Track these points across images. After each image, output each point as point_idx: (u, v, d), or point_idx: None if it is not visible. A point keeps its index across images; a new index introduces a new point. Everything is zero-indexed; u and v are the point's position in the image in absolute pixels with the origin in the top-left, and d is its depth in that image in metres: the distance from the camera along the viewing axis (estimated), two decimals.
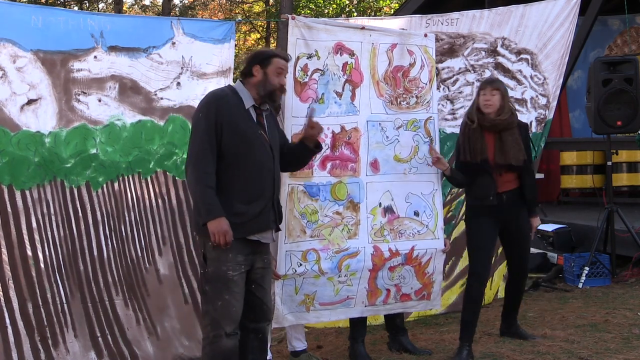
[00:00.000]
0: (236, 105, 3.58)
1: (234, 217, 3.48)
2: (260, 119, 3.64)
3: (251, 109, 3.62)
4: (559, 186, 9.60)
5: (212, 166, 3.48)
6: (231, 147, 3.51)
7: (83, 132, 4.34)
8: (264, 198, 3.57)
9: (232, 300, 3.49)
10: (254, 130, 3.58)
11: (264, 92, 3.60)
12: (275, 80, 3.62)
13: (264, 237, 3.62)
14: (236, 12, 24.72)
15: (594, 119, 6.51)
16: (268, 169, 3.60)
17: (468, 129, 4.47)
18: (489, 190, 4.43)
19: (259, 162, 3.56)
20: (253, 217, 3.54)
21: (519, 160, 4.44)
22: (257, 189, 3.55)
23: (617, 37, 9.90)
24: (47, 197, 4.26)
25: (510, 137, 4.44)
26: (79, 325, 4.29)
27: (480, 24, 5.43)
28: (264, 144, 3.60)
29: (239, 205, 3.51)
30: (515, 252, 4.66)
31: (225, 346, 3.48)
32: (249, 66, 3.65)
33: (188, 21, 4.84)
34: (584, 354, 4.24)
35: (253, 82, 3.63)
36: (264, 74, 3.61)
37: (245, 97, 3.61)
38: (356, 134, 4.38)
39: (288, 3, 15.00)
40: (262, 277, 3.69)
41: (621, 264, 6.56)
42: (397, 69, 4.52)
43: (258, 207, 3.55)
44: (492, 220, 4.46)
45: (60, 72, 4.29)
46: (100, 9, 24.07)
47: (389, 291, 4.48)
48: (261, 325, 3.72)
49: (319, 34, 4.26)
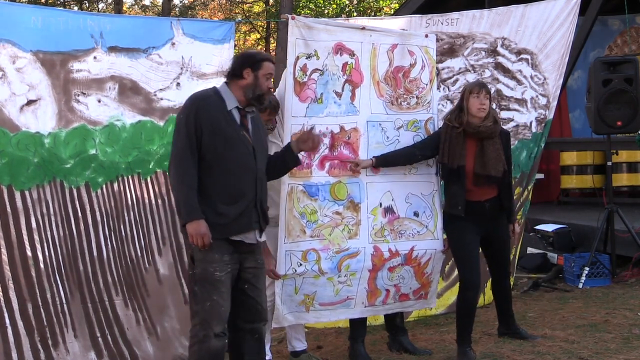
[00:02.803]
0: (218, 107, 3.58)
1: (216, 217, 3.51)
2: (244, 120, 3.64)
3: (234, 110, 3.61)
4: (559, 186, 9.60)
5: (194, 167, 3.50)
6: (212, 148, 3.52)
7: (82, 133, 4.34)
8: (246, 199, 3.58)
9: (220, 301, 3.51)
10: (235, 131, 3.58)
11: (252, 94, 3.60)
12: (265, 84, 3.63)
13: (247, 238, 3.62)
14: (236, 12, 24.73)
15: (594, 119, 6.50)
16: (249, 170, 3.59)
17: (451, 131, 4.38)
18: (458, 200, 4.37)
19: (240, 163, 3.56)
20: (235, 218, 3.55)
21: (499, 171, 4.37)
22: (238, 190, 3.56)
23: (617, 37, 9.90)
24: (47, 197, 4.26)
25: (491, 147, 4.38)
26: (78, 326, 4.29)
27: (480, 24, 5.42)
28: (246, 145, 3.59)
29: (221, 206, 3.53)
30: (497, 259, 4.66)
31: (213, 346, 3.51)
32: (240, 68, 3.64)
33: (188, 21, 4.84)
34: (584, 354, 4.24)
35: (241, 84, 3.62)
36: (254, 77, 3.61)
37: (229, 99, 3.61)
38: (356, 134, 4.37)
39: (288, 3, 15.01)
40: (256, 277, 3.69)
41: (621, 264, 6.55)
42: (397, 70, 4.52)
43: (240, 208, 3.56)
44: (473, 225, 4.41)
45: (59, 73, 4.29)
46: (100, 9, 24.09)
47: (388, 291, 4.48)
48: (256, 326, 3.72)
49: (319, 34, 4.26)
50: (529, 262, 7.02)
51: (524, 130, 5.55)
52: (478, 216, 4.41)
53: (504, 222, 4.58)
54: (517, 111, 5.52)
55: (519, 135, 5.50)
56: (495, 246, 4.60)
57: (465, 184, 4.37)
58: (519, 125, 5.51)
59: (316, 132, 3.94)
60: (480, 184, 4.39)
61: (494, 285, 4.78)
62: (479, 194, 4.41)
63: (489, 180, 4.39)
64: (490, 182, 4.40)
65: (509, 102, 5.48)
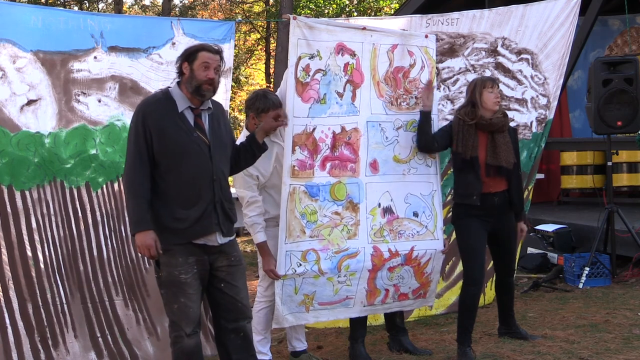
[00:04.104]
0: (167, 110, 3.50)
1: (175, 222, 3.48)
2: (197, 120, 3.55)
3: (186, 111, 3.54)
4: (559, 186, 9.61)
5: (144, 176, 3.44)
6: (162, 154, 3.47)
7: (83, 133, 4.35)
8: (203, 201, 3.51)
9: (187, 302, 3.50)
10: (186, 133, 3.50)
11: (191, 88, 3.51)
12: (202, 74, 3.50)
13: (209, 240, 3.56)
14: (236, 12, 24.73)
15: (594, 119, 6.50)
16: (205, 172, 3.52)
17: (463, 124, 4.43)
18: (474, 190, 4.40)
19: (194, 166, 3.49)
20: (194, 222, 3.50)
21: (510, 163, 4.43)
22: (194, 193, 3.50)
23: (617, 37, 9.90)
24: (47, 197, 4.26)
25: (502, 139, 4.44)
26: (79, 326, 4.30)
27: (480, 24, 5.43)
28: (200, 146, 3.51)
29: (180, 211, 3.49)
30: (503, 255, 4.65)
31: (187, 346, 3.53)
32: (180, 66, 3.58)
33: (188, 21, 4.85)
34: (584, 354, 4.24)
35: (184, 80, 3.56)
36: (190, 70, 3.52)
37: (179, 100, 3.53)
38: (356, 134, 4.37)
39: (288, 3, 14.99)
40: (231, 275, 3.64)
41: (621, 264, 6.55)
42: (397, 70, 4.51)
43: (198, 211, 3.50)
44: (481, 221, 4.44)
45: (60, 73, 4.30)
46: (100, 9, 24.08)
47: (387, 291, 4.48)
48: (240, 325, 3.67)
49: (320, 34, 4.25)
50: (529, 262, 7.01)
51: (525, 130, 5.55)
52: (487, 210, 4.42)
53: (512, 219, 4.58)
54: (517, 111, 5.52)
55: (519, 135, 5.49)
56: (502, 243, 4.59)
57: (479, 174, 4.40)
58: (519, 125, 5.51)
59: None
60: (491, 175, 4.42)
61: (498, 283, 4.78)
62: (489, 185, 4.43)
63: (500, 172, 4.42)
64: (501, 173, 4.43)
65: (509, 102, 5.48)
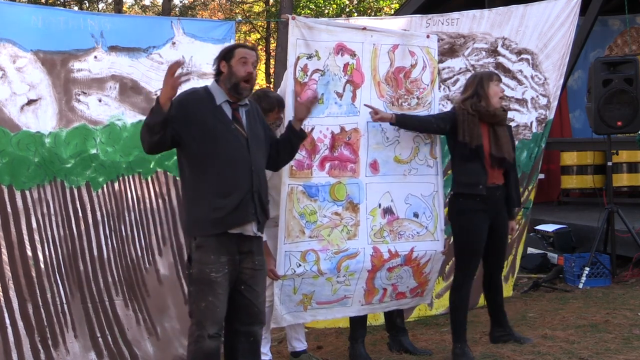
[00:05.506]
0: (206, 102, 3.58)
1: (212, 212, 3.48)
2: (236, 114, 3.61)
3: (224, 104, 3.60)
4: (559, 186, 9.61)
5: None
6: (200, 142, 3.51)
7: (83, 132, 4.35)
8: (241, 190, 3.53)
9: (215, 302, 3.48)
10: (225, 125, 3.56)
11: (229, 84, 3.57)
12: (241, 69, 3.57)
13: (245, 230, 3.57)
14: (236, 12, 24.74)
15: (594, 119, 6.50)
16: (243, 162, 3.55)
17: (467, 115, 4.42)
18: (479, 179, 4.39)
19: (232, 155, 3.53)
20: (232, 210, 3.50)
21: (511, 156, 4.49)
22: (232, 181, 3.52)
23: (617, 37, 9.91)
24: (47, 197, 4.26)
25: (502, 132, 4.49)
26: (79, 326, 4.29)
27: (480, 24, 5.42)
28: (238, 138, 3.57)
29: (216, 200, 3.49)
30: (495, 250, 4.61)
31: (207, 347, 3.48)
32: (218, 64, 3.65)
33: (188, 21, 4.85)
34: (584, 355, 4.24)
35: (222, 78, 3.62)
36: (228, 67, 3.59)
37: (217, 94, 3.61)
38: (356, 134, 4.37)
39: (288, 3, 15.00)
40: (253, 279, 3.63)
41: (621, 264, 6.55)
42: (398, 70, 4.51)
43: (236, 199, 3.51)
44: (484, 217, 4.43)
45: (60, 72, 4.30)
46: (100, 9, 24.08)
47: (385, 290, 4.48)
48: (253, 329, 3.66)
49: (320, 34, 4.25)
50: (529, 262, 7.01)
51: (525, 130, 5.55)
52: (489, 203, 4.41)
53: (506, 216, 4.59)
54: (517, 111, 5.52)
55: (519, 135, 5.50)
56: (495, 238, 4.57)
57: (484, 164, 4.40)
58: (519, 126, 5.51)
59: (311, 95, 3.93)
60: (494, 167, 4.44)
61: (487, 279, 4.72)
62: (493, 176, 4.44)
63: (502, 164, 4.44)
64: (502, 166, 4.46)
65: (509, 102, 5.47)
